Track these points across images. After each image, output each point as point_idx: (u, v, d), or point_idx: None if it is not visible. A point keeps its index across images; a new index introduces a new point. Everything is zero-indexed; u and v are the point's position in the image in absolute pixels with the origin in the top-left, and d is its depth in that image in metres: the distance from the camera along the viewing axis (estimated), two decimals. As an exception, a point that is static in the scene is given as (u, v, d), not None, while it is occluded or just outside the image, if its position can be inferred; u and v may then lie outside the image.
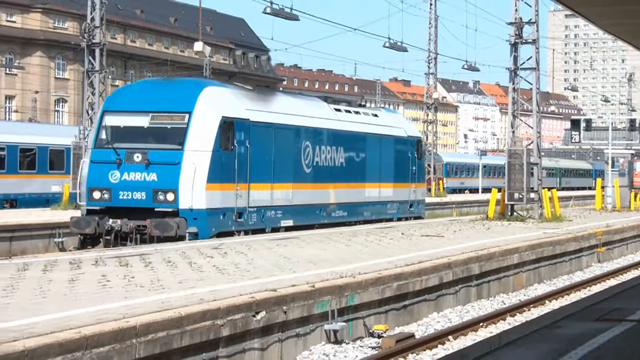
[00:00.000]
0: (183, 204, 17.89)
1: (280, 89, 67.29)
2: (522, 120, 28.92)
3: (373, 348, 10.64)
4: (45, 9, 69.71)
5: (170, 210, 18.05)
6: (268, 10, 23.70)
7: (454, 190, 58.05)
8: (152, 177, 18.36)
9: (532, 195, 26.23)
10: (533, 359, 7.35)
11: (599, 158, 68.65)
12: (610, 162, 38.17)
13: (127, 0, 74.97)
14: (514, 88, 27.19)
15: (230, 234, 18.76)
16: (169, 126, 18.93)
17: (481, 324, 12.26)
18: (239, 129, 19.48)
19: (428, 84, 54.22)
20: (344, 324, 10.84)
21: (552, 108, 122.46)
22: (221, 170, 18.80)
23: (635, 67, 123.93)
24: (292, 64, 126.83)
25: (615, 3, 11.61)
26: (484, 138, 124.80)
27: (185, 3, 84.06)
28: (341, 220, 23.94)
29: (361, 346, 10.77)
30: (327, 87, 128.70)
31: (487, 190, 44.30)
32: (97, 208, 18.87)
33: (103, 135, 19.56)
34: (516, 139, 27.17)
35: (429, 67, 52.73)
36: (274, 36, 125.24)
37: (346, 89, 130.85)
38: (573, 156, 79.48)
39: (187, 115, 18.55)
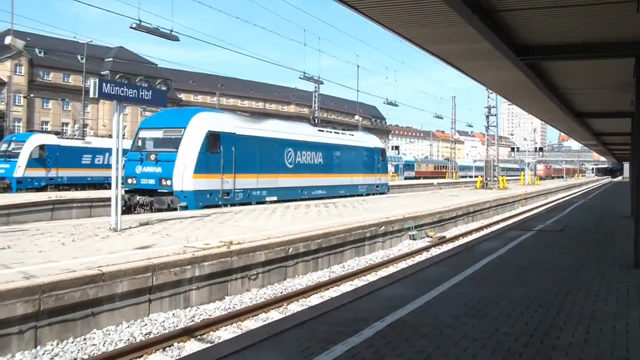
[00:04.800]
0: (176, 187, 23.33)
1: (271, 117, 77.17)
2: (490, 147, 58.88)
3: (428, 241, 21.43)
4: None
5: (168, 191, 23.50)
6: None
7: (463, 177, 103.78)
8: (159, 170, 23.84)
9: (495, 179, 54.20)
10: (497, 245, 14.79)
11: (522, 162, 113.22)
12: (527, 164, 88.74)
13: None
14: (486, 133, 58.96)
15: (218, 206, 24.01)
16: (173, 137, 24.31)
17: (473, 232, 24.55)
18: (224, 138, 24.97)
19: (452, 134, 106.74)
20: (416, 231, 21.64)
21: (502, 142, 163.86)
22: (207, 165, 24.10)
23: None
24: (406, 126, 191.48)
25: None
26: (475, 155, 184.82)
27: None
28: (321, 196, 32.31)
29: (423, 240, 21.86)
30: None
31: (476, 177, 78.24)
32: (129, 189, 24.22)
33: (137, 143, 25.59)
34: (488, 156, 58.30)
35: (452, 128, 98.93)
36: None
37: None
38: (513, 163, 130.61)
39: (183, 130, 24.19)
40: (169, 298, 10.58)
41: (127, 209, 23.18)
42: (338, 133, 37.21)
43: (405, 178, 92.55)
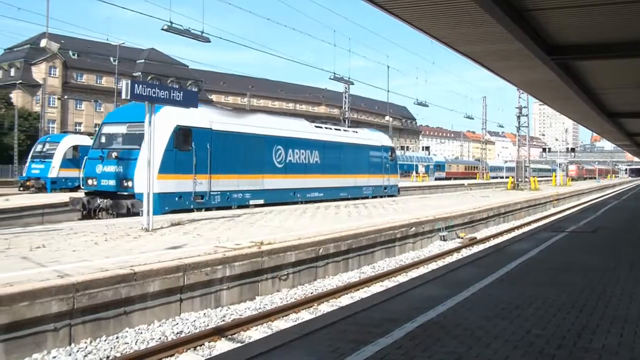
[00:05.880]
0: (138, 189, 20.11)
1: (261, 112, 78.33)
2: (521, 148, 58.70)
3: (459, 242, 21.24)
4: None
5: (129, 193, 20.77)
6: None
7: (494, 178, 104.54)
8: (120, 169, 21.20)
9: (526, 179, 54.50)
10: (529, 246, 14.68)
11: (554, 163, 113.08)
12: (558, 165, 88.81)
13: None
14: (517, 133, 58.31)
15: (190, 211, 21.51)
16: (137, 132, 21.02)
17: (504, 233, 24.45)
18: (198, 134, 22.03)
19: (483, 134, 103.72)
20: (447, 232, 21.52)
21: (533, 142, 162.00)
22: (175, 164, 21.30)
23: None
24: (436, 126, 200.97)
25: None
26: (506, 156, 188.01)
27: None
28: (318, 199, 29.12)
29: (453, 241, 21.67)
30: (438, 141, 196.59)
31: (507, 177, 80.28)
32: (89, 191, 22.10)
33: (99, 140, 22.84)
34: (519, 157, 58.63)
35: (483, 128, 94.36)
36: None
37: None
38: (544, 163, 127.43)
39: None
40: (200, 298, 10.65)
41: (87, 213, 21.59)
42: (339, 130, 34.36)
43: (436, 179, 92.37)
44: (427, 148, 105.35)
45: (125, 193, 20.84)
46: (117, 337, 8.95)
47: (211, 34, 26.70)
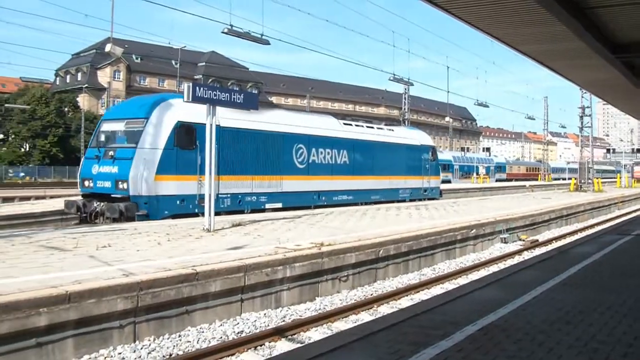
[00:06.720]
0: (133, 192, 18.85)
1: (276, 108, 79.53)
2: (584, 149, 59.44)
3: (520, 245, 20.76)
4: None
5: (124, 196, 19.05)
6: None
7: (556, 179, 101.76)
8: (115, 169, 19.51)
9: (589, 181, 53.30)
10: (592, 249, 14.42)
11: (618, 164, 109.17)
12: (623, 166, 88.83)
13: None
14: (580, 134, 58.63)
15: (195, 215, 19.71)
16: (135, 129, 19.82)
17: (567, 236, 23.86)
18: (203, 132, 18.11)
19: (544, 135, 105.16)
20: (508, 234, 21.13)
21: (597, 143, 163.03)
22: (176, 164, 19.63)
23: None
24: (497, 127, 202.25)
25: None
26: (568, 157, 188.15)
27: None
28: (345, 203, 27.02)
29: (515, 243, 21.09)
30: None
31: (569, 179, 78.14)
32: (86, 193, 20.62)
33: (96, 138, 21.35)
34: (582, 158, 59.18)
35: (544, 129, 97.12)
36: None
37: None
38: (608, 165, 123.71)
39: (145, 121, 19.65)
40: (260, 298, 10.76)
41: (85, 217, 20.06)
42: (372, 127, 31.51)
43: (497, 180, 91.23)
44: (488, 149, 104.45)
45: (120, 195, 19.23)
46: (179, 336, 9.11)
47: (271, 36, 26.67)
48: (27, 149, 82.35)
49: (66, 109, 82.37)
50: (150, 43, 79.86)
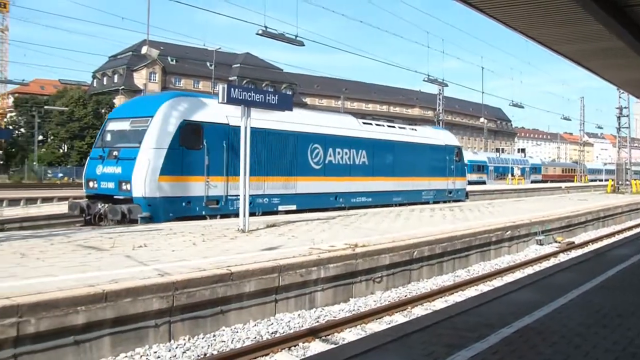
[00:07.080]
0: (136, 193, 18.22)
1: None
2: (621, 150, 58.83)
3: (556, 247, 20.64)
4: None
5: (127, 197, 18.46)
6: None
7: (592, 180, 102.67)
8: (118, 170, 18.96)
9: (627, 182, 52.56)
10: (630, 251, 14.48)
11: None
12: None
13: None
14: (618, 135, 58.03)
15: (202, 218, 19.25)
16: (139, 128, 19.23)
17: (604, 238, 23.54)
18: (210, 130, 19.52)
19: (581, 136, 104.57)
20: (543, 236, 20.91)
21: (635, 144, 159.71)
22: (182, 164, 19.00)
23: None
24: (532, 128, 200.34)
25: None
26: (605, 158, 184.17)
27: None
28: (364, 205, 26.08)
29: (550, 245, 20.94)
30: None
31: (606, 180, 78.54)
32: (90, 194, 20.04)
33: (101, 137, 20.77)
34: (619, 159, 58.06)
35: (580, 130, 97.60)
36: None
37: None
38: None
39: (149, 119, 19.04)
40: (294, 298, 10.80)
41: (89, 219, 19.48)
42: (393, 127, 30.25)
43: (532, 181, 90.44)
44: (523, 150, 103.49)
45: (122, 197, 18.67)
46: (214, 335, 9.18)
47: (305, 37, 26.55)
48: (65, 150, 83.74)
49: (103, 111, 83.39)
50: (185, 45, 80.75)
